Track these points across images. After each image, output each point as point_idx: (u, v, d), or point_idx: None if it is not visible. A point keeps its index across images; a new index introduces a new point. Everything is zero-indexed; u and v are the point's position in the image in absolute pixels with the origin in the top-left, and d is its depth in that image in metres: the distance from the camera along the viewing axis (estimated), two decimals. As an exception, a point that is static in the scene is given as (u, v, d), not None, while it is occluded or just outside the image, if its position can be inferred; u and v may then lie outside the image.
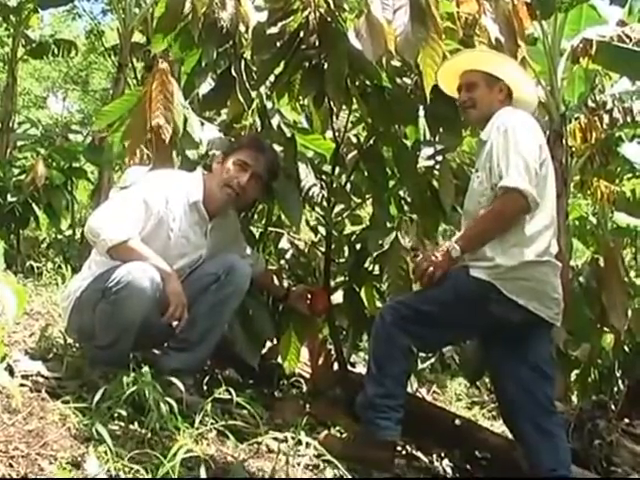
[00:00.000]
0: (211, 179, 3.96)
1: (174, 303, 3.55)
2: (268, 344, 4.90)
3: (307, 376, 4.94)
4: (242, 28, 4.30)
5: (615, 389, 6.00)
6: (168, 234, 3.79)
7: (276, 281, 4.50)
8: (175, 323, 3.58)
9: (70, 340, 3.99)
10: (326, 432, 3.89)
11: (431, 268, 3.60)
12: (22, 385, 3.23)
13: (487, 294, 3.56)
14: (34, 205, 9.86)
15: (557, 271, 3.70)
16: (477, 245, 3.58)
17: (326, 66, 4.16)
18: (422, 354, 5.07)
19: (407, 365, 3.72)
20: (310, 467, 3.28)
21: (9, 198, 9.77)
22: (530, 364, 3.71)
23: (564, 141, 8.41)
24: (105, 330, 3.57)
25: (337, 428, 3.92)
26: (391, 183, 4.54)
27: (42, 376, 3.48)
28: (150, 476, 2.66)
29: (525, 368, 3.70)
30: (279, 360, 4.76)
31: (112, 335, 3.55)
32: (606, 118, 9.34)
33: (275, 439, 3.29)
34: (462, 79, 3.94)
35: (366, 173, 4.61)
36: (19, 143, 13.04)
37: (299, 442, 3.30)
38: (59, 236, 10.90)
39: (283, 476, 3.09)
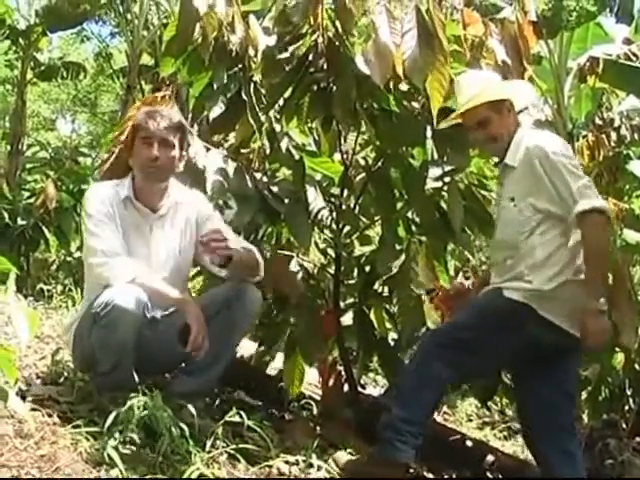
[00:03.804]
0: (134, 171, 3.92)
1: (195, 331, 3.53)
2: (277, 366, 4.92)
3: (317, 398, 4.93)
4: (251, 52, 4.31)
5: (626, 407, 5.98)
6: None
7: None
8: (194, 351, 3.59)
9: (80, 365, 4.01)
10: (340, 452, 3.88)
11: (605, 337, 3.58)
12: (34, 410, 3.23)
13: (524, 315, 3.56)
14: (44, 228, 9.90)
15: None
16: (605, 278, 3.73)
17: (334, 89, 4.19)
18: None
19: (436, 396, 3.71)
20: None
21: (19, 221, 9.82)
22: (560, 386, 3.71)
23: (572, 159, 8.41)
24: (104, 355, 3.56)
25: (348, 450, 3.91)
26: (399, 205, 4.56)
27: (53, 400, 3.49)
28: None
29: (555, 389, 3.70)
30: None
31: (111, 359, 3.54)
32: (614, 136, 9.33)
33: (286, 462, 3.29)
34: (469, 119, 3.85)
35: (374, 195, 4.61)
36: (28, 165, 13.08)
37: (310, 465, 3.30)
38: (68, 258, 10.92)
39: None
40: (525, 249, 3.62)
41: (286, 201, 4.28)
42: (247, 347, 4.96)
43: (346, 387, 4.80)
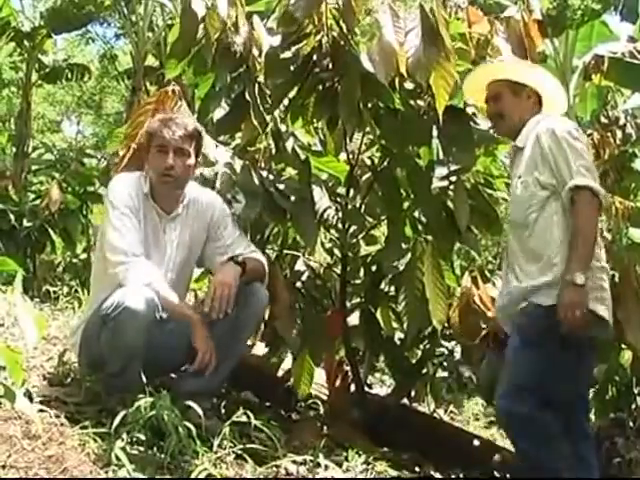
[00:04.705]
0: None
1: (202, 353, 3.59)
2: (285, 366, 4.91)
3: (324, 398, 4.93)
4: (255, 52, 4.31)
5: (633, 406, 5.96)
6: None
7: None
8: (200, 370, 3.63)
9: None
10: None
11: (577, 312, 3.36)
12: (41, 411, 3.23)
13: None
14: (50, 230, 9.91)
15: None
16: (591, 257, 3.47)
17: (339, 89, 4.19)
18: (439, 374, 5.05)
19: (566, 452, 3.56)
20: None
21: (25, 223, 9.83)
22: (582, 387, 3.68)
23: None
24: (113, 357, 3.56)
25: (355, 450, 3.91)
26: (405, 204, 4.55)
27: (61, 401, 3.49)
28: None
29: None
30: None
31: (121, 361, 3.55)
32: (619, 134, 9.29)
33: (294, 462, 3.28)
34: (488, 91, 3.91)
35: (380, 195, 4.61)
36: (34, 167, 13.09)
37: (318, 465, 3.30)
38: (74, 260, 10.93)
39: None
40: (544, 235, 3.56)
41: (292, 199, 4.27)
42: (255, 348, 4.97)
43: (353, 387, 4.80)
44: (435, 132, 4.33)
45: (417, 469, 4.16)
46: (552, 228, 3.56)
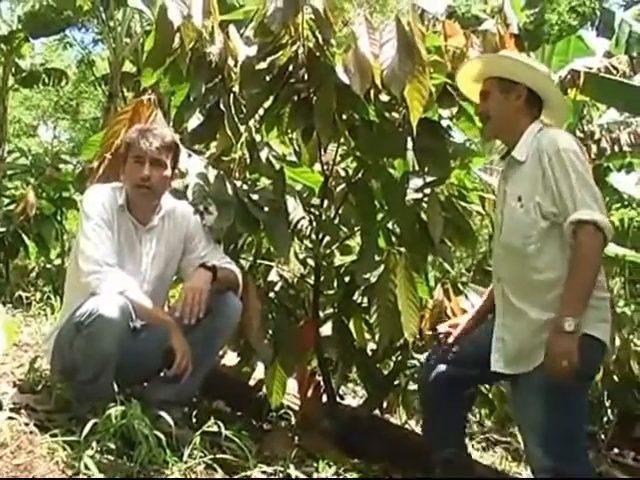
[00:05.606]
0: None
1: (180, 355, 3.57)
2: (257, 376, 4.91)
3: (296, 408, 4.93)
4: (231, 62, 4.31)
5: (604, 419, 6.00)
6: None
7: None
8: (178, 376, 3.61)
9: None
10: None
11: (565, 362, 3.07)
12: (10, 418, 3.21)
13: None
14: (24, 235, 9.87)
15: None
16: (587, 300, 3.15)
17: (315, 100, 4.20)
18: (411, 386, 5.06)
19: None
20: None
21: (-1, 228, 9.80)
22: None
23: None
24: (86, 364, 3.54)
25: (326, 461, 3.91)
26: (380, 216, 4.56)
27: (31, 409, 3.47)
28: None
29: None
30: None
31: (93, 369, 3.52)
32: (594, 148, 9.39)
33: (264, 472, 3.29)
34: (482, 88, 3.62)
35: (355, 206, 4.61)
36: (9, 172, 13.04)
37: (288, 475, 3.29)
38: (48, 265, 10.89)
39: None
40: (550, 270, 3.29)
41: (266, 209, 4.27)
42: (227, 357, 4.97)
43: (325, 398, 4.80)
44: (410, 144, 4.35)
45: (388, 480, 4.16)
46: (558, 263, 3.27)
